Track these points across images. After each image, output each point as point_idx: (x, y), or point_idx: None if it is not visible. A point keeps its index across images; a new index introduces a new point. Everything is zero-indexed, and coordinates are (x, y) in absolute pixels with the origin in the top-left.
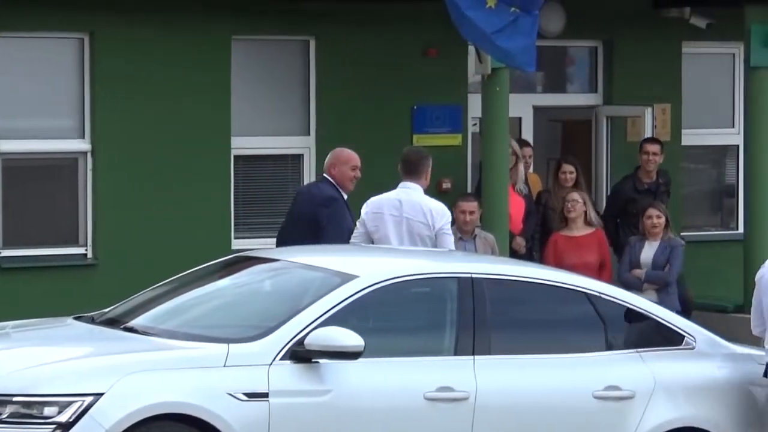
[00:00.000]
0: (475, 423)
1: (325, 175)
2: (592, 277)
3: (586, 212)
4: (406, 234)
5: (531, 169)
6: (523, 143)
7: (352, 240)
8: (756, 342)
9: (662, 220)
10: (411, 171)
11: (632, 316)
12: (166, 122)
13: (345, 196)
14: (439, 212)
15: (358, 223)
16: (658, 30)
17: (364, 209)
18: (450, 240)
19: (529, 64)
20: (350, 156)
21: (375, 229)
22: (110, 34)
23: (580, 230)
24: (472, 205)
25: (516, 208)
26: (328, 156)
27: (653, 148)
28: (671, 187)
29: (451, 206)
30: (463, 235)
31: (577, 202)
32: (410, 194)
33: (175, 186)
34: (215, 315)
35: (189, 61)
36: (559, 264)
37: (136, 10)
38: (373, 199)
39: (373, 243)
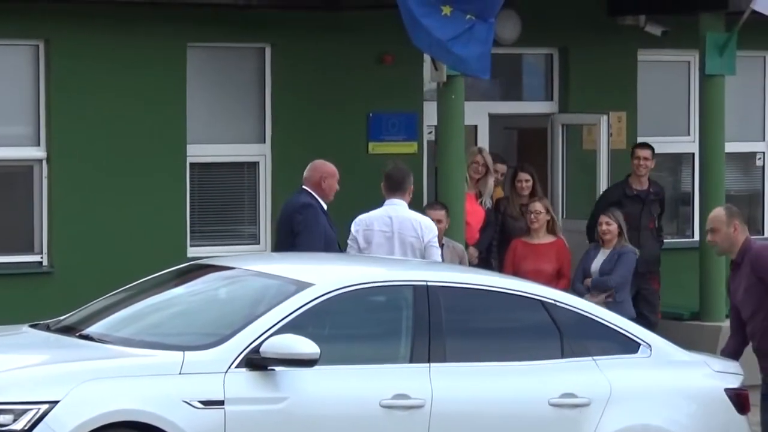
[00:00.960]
0: (431, 430)
1: (304, 186)
2: (547, 284)
3: (549, 221)
4: (398, 248)
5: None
6: (497, 158)
7: None
8: (711, 349)
9: (613, 227)
10: (396, 188)
11: (588, 323)
12: (122, 130)
13: (324, 206)
14: (428, 227)
15: (349, 241)
16: (613, 38)
17: (354, 227)
18: (437, 253)
19: (483, 71)
20: (335, 170)
21: (366, 245)
22: (66, 42)
23: (540, 238)
24: (439, 214)
25: (476, 218)
26: (312, 169)
27: (644, 153)
28: (664, 199)
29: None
30: None
31: (540, 213)
32: (398, 210)
33: (130, 194)
34: (171, 323)
35: (144, 68)
36: (516, 270)
37: (92, 17)
38: (361, 217)
39: None
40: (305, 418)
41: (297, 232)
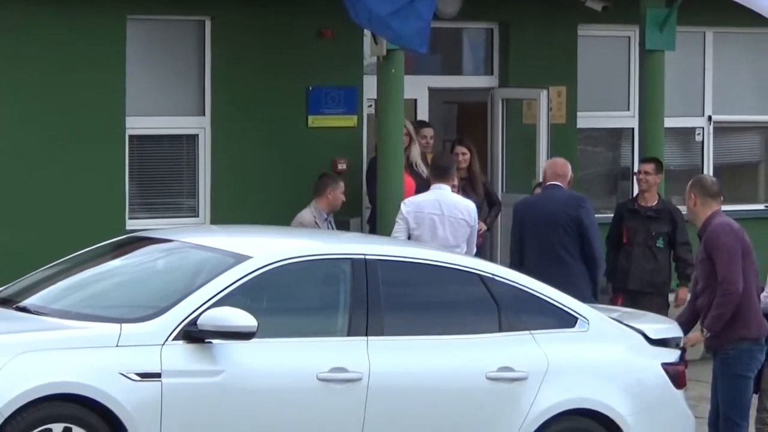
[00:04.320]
0: (368, 404)
1: (557, 183)
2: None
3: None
4: (449, 231)
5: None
6: (423, 124)
7: (393, 235)
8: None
9: None
10: (441, 175)
11: (525, 297)
12: (60, 102)
13: None
14: (474, 210)
15: (399, 220)
16: (553, 12)
17: (404, 208)
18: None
19: (421, 45)
20: None
21: (416, 226)
22: (4, 13)
23: None
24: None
25: (408, 191)
26: (565, 167)
27: (646, 167)
28: (675, 220)
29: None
30: None
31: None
32: (445, 195)
33: (69, 165)
34: (108, 295)
35: (84, 40)
36: None
37: None
38: (411, 199)
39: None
40: (242, 390)
41: (587, 225)
